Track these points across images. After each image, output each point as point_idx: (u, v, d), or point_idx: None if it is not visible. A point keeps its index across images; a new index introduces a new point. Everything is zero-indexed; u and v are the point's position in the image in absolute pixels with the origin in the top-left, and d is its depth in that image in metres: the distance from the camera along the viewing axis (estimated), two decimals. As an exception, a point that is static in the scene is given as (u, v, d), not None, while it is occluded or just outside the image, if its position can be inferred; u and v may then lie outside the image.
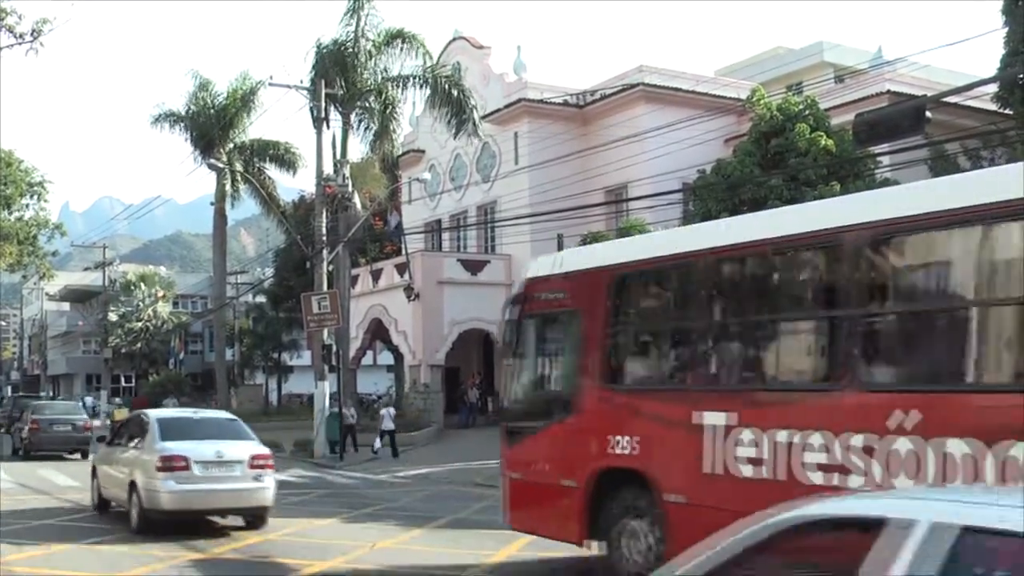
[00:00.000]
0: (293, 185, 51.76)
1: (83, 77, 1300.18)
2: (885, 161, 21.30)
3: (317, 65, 29.27)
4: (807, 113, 21.63)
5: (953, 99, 23.23)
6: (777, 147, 21.28)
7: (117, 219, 72.09)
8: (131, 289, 69.09)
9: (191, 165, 53.14)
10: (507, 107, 37.26)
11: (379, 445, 27.50)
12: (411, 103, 34.57)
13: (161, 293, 69.21)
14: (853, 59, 40.03)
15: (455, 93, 29.28)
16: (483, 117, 32.49)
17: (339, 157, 29.10)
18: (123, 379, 70.46)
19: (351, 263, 32.04)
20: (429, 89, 29.56)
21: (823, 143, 20.69)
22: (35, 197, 36.64)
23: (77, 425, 28.13)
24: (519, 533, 12.82)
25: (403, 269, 35.27)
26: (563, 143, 34.38)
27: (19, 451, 28.70)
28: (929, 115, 11.75)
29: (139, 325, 65.70)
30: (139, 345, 65.10)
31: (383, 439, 27.44)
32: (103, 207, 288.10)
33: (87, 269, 73.01)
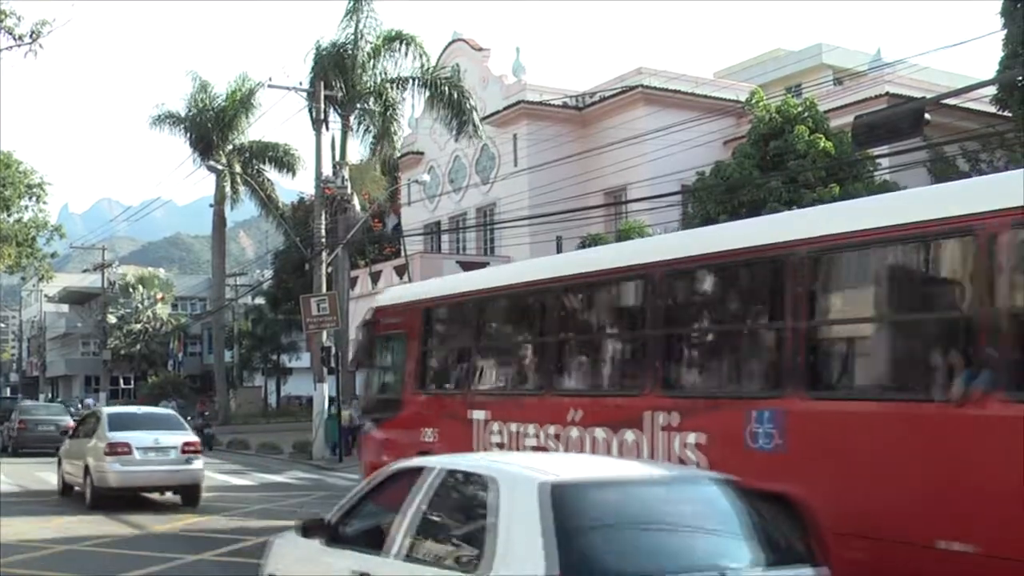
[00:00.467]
0: (292, 187, 51.69)
1: (82, 79, 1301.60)
2: (884, 163, 21.30)
3: (316, 67, 29.25)
4: (806, 115, 21.62)
5: (952, 101, 23.22)
6: (776, 149, 21.27)
7: (116, 221, 72.24)
8: (130, 291, 69.04)
9: (190, 167, 53.02)
10: (506, 109, 37.27)
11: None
12: (410, 105, 34.61)
13: (160, 295, 69.18)
14: (852, 61, 40.05)
15: (454, 95, 29.27)
16: (482, 119, 32.49)
17: (338, 159, 29.08)
18: (122, 381, 70.40)
19: (350, 265, 32.02)
20: (428, 91, 29.55)
21: (822, 145, 20.69)
22: (34, 199, 36.59)
23: (60, 426, 29.54)
24: None
25: (402, 271, 35.26)
26: (562, 145, 34.38)
27: (7, 448, 30.41)
28: (928, 117, 11.76)
29: (138, 327, 65.67)
30: (138, 347, 65.06)
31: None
32: (102, 209, 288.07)
33: (86, 271, 73.02)
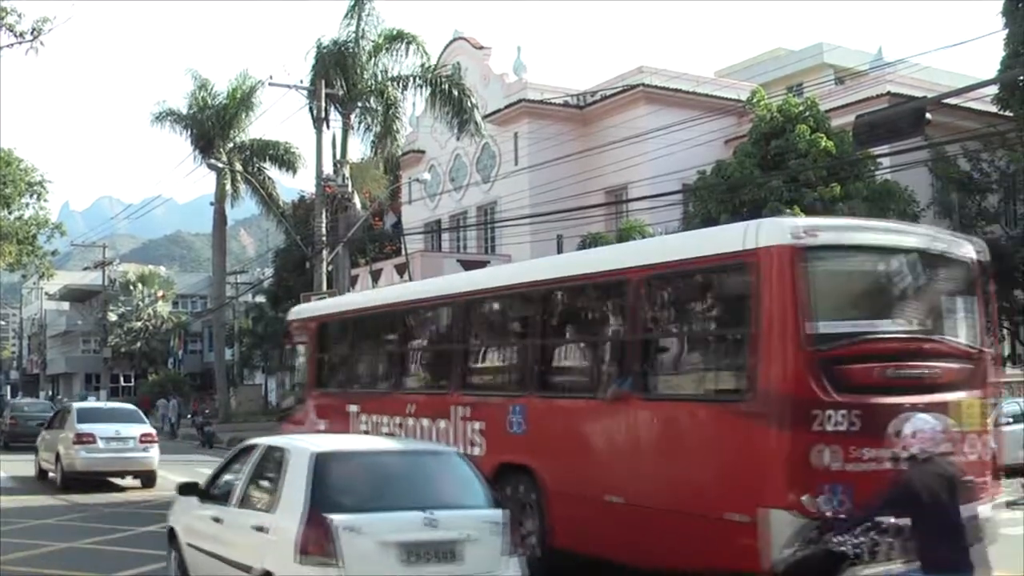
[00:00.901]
0: (293, 185, 51.78)
1: (83, 76, 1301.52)
2: (885, 162, 21.28)
3: (317, 65, 29.21)
4: (807, 114, 21.62)
5: (953, 101, 23.20)
6: (777, 148, 21.27)
7: (117, 219, 72.15)
8: (130, 289, 69.01)
9: (191, 165, 53.07)
10: (507, 107, 37.25)
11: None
12: (411, 103, 34.58)
13: (161, 293, 69.16)
14: (853, 60, 40.03)
15: (456, 93, 29.24)
16: (483, 117, 32.47)
17: (339, 157, 29.05)
18: (122, 378, 70.41)
19: (351, 263, 31.98)
20: (429, 89, 29.52)
21: (823, 144, 20.69)
22: (35, 196, 36.58)
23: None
24: None
25: (403, 269, 35.23)
26: (563, 144, 34.36)
27: None
28: (929, 116, 11.76)
29: (138, 325, 65.67)
30: (138, 344, 65.05)
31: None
32: (103, 207, 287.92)
33: (87, 268, 73.00)
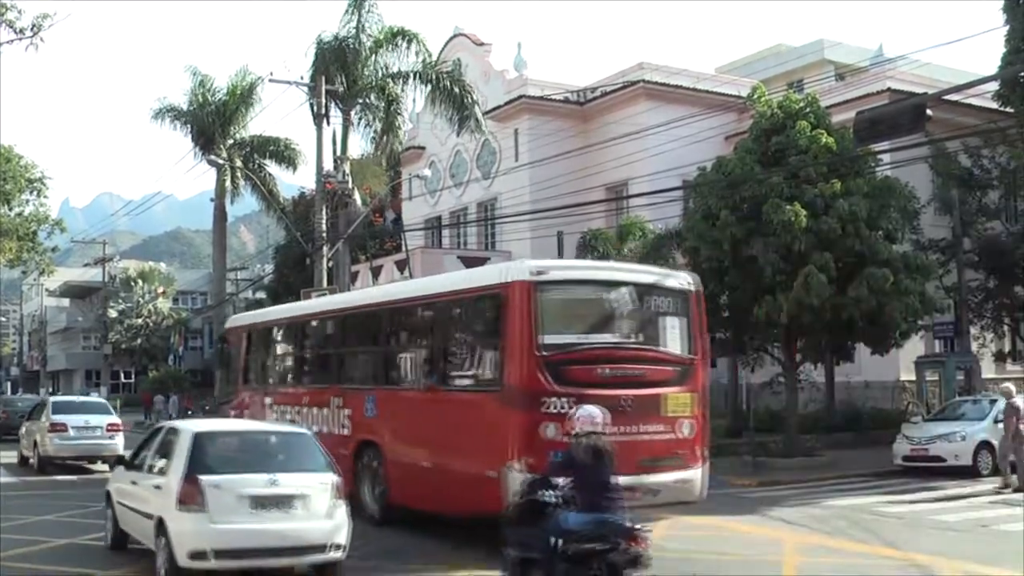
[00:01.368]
0: (293, 182, 51.76)
1: (84, 73, 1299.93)
2: (886, 159, 21.25)
3: (317, 61, 29.14)
4: (808, 111, 21.54)
5: (954, 97, 23.20)
6: (778, 144, 21.20)
7: (117, 215, 71.94)
8: (131, 285, 68.99)
9: (191, 161, 52.95)
10: (507, 104, 37.22)
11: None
12: (411, 100, 34.51)
13: (161, 289, 69.13)
14: (854, 57, 39.98)
15: (456, 90, 29.17)
16: (484, 114, 32.43)
17: (339, 154, 29.01)
18: (123, 375, 70.42)
19: (351, 260, 31.92)
20: (430, 86, 29.47)
21: (824, 141, 20.61)
22: (35, 193, 36.41)
23: None
24: None
25: (403, 266, 35.21)
26: (563, 140, 34.33)
27: None
28: (930, 113, 11.75)
29: (139, 321, 65.69)
30: (139, 341, 65.05)
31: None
32: (103, 203, 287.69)
33: (87, 265, 72.91)
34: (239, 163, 37.69)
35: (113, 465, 12.49)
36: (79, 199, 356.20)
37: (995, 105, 26.86)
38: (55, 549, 12.39)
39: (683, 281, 13.33)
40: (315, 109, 27.51)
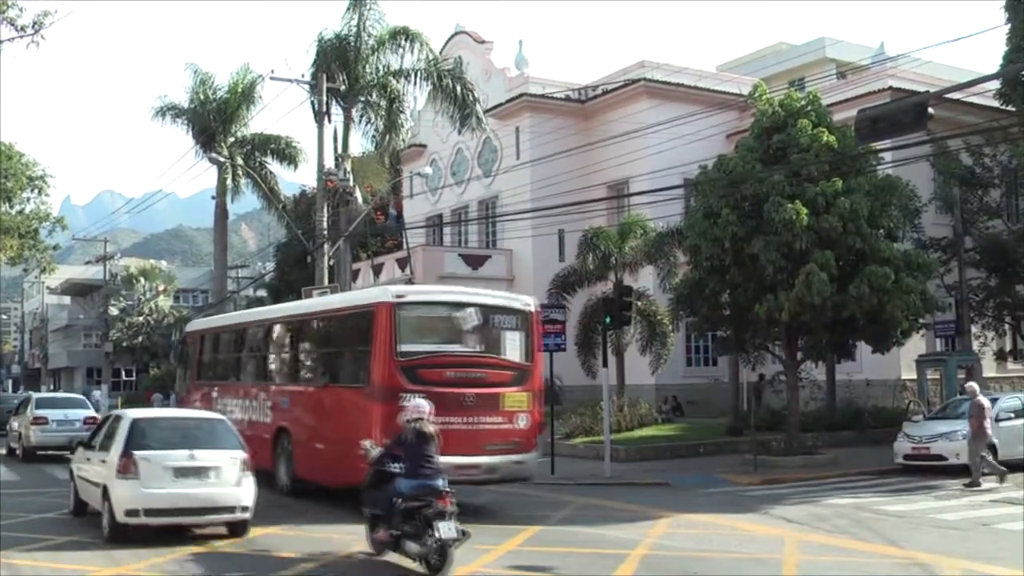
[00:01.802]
0: (294, 179, 51.52)
1: (85, 71, 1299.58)
2: (887, 157, 21.24)
3: (318, 59, 29.10)
4: (809, 109, 21.51)
5: (955, 95, 23.18)
6: (779, 143, 21.17)
7: (118, 213, 71.82)
8: (132, 283, 68.92)
9: (192, 159, 53.09)
10: (509, 102, 37.19)
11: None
12: (413, 98, 34.47)
13: (162, 287, 69.08)
14: (855, 55, 39.93)
15: (458, 88, 29.14)
16: (485, 112, 32.40)
17: (340, 151, 29.00)
18: (124, 373, 70.41)
19: (352, 257, 31.91)
20: (431, 84, 29.44)
21: (825, 139, 20.58)
22: (36, 191, 36.39)
23: None
24: (519, 528, 13.67)
25: (404, 263, 35.22)
26: (565, 138, 34.31)
27: None
28: (931, 111, 11.74)
29: (140, 319, 65.59)
30: (140, 339, 64.94)
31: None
32: (104, 201, 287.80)
33: (88, 263, 72.82)
34: (240, 161, 37.67)
35: (75, 448, 15.02)
36: (80, 197, 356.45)
37: (996, 103, 26.85)
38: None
39: (523, 303, 16.25)
40: (316, 107, 27.49)
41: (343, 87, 28.85)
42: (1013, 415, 20.94)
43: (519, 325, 15.89)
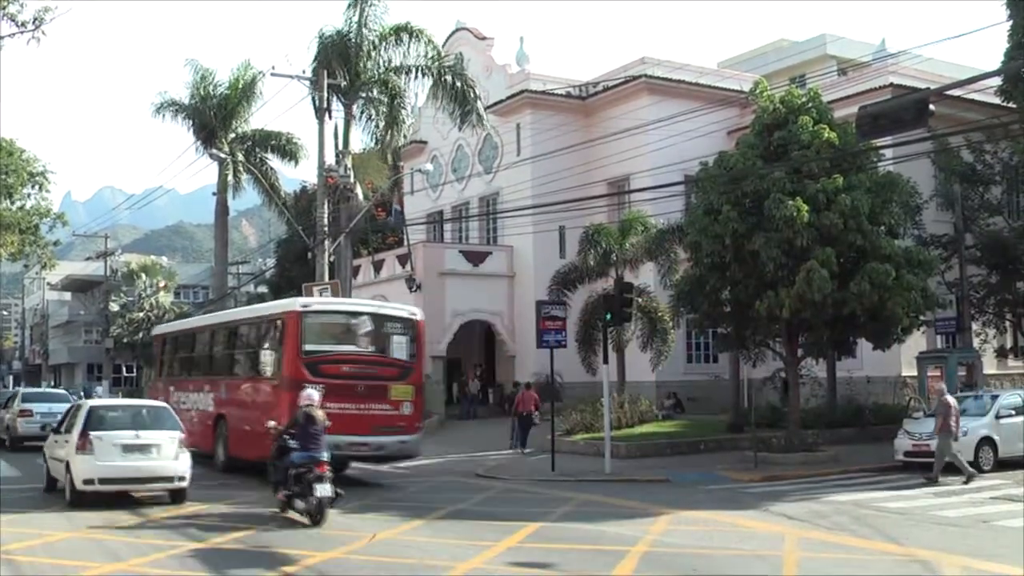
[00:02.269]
0: (295, 176, 51.53)
1: (85, 67, 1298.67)
2: (888, 154, 21.23)
3: (319, 55, 29.07)
4: (810, 105, 21.48)
5: (956, 92, 23.17)
6: (780, 139, 21.15)
7: (119, 209, 71.98)
8: (133, 279, 68.92)
9: (193, 155, 53.06)
10: (509, 98, 37.17)
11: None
12: (413, 94, 34.42)
13: (163, 283, 69.06)
14: (856, 52, 39.95)
15: (458, 84, 29.12)
16: (486, 108, 32.37)
17: (341, 148, 28.97)
18: (124, 369, 70.43)
19: (353, 254, 31.90)
20: (432, 80, 29.42)
21: (826, 136, 20.56)
22: (37, 187, 36.36)
23: None
24: (519, 524, 13.60)
25: (405, 260, 35.22)
26: (565, 134, 34.30)
27: None
28: (932, 108, 11.73)
29: (140, 315, 65.51)
30: (140, 335, 64.85)
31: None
32: (105, 197, 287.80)
33: (89, 259, 72.88)
34: (241, 157, 37.66)
35: (49, 433, 17.87)
36: (81, 193, 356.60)
37: (998, 100, 26.81)
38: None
39: (410, 312, 19.92)
40: (317, 103, 27.45)
41: (344, 83, 28.82)
42: (1013, 412, 20.93)
43: (406, 330, 19.40)
